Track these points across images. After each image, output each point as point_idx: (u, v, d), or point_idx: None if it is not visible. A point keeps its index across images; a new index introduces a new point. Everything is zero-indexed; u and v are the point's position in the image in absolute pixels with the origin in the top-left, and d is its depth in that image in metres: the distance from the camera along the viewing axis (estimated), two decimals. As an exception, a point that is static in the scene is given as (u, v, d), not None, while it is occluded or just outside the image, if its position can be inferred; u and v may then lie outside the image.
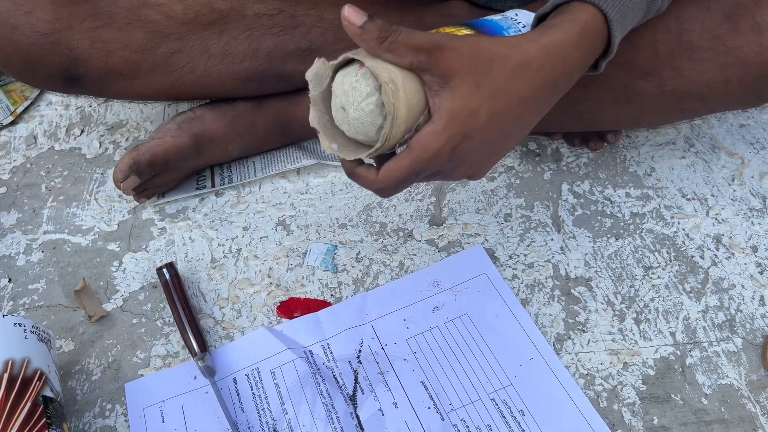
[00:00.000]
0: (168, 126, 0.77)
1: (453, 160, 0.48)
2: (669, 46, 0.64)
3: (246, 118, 0.78)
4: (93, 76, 0.69)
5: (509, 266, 0.69)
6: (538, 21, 0.54)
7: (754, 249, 0.69)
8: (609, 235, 0.72)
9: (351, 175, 0.51)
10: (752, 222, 0.71)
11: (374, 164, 0.50)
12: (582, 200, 0.75)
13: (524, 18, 0.60)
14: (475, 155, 0.50)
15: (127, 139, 0.89)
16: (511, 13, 0.61)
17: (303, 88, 0.78)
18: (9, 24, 0.65)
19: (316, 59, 0.50)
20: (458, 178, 0.52)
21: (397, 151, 0.49)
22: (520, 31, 0.58)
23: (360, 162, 0.50)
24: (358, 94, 0.47)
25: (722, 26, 0.62)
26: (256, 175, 0.81)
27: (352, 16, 0.46)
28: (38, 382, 0.56)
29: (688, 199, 0.74)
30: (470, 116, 0.47)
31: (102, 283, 0.72)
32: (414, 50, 0.46)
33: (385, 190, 0.50)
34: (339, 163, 0.82)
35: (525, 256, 0.70)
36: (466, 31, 0.55)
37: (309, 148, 0.84)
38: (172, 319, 0.68)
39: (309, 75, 0.49)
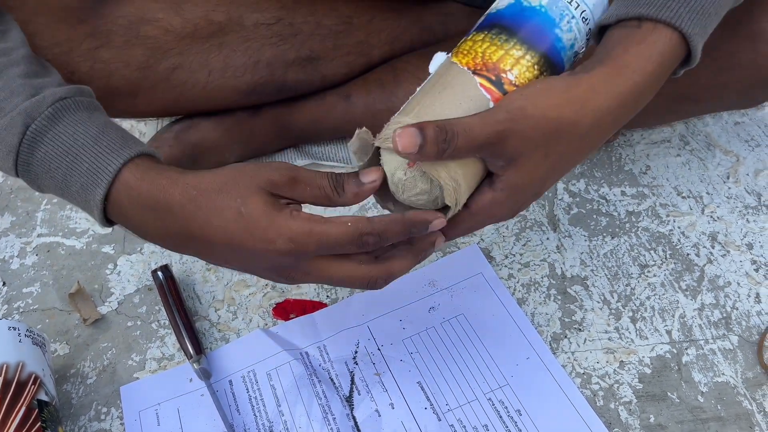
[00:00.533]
0: (165, 135, 0.76)
1: (513, 214, 0.50)
2: None
3: (244, 126, 0.78)
4: (96, 97, 0.68)
5: (505, 266, 0.69)
6: (599, 31, 0.49)
7: (750, 246, 0.69)
8: (605, 234, 0.71)
9: None
10: (747, 219, 0.71)
11: None
12: (577, 199, 0.75)
13: None
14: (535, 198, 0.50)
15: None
16: None
17: (301, 96, 0.78)
18: None
19: (357, 130, 0.46)
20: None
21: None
22: (573, 17, 0.47)
23: None
24: (410, 188, 0.45)
25: (716, 31, 0.61)
26: (251, 177, 0.81)
27: (407, 145, 0.41)
28: (33, 386, 0.56)
29: (683, 197, 0.74)
30: (537, 183, 0.46)
31: (97, 286, 0.72)
32: (477, 148, 0.42)
33: (447, 240, 0.50)
34: (334, 164, 0.81)
35: (521, 255, 0.70)
36: (515, 52, 0.46)
37: (304, 149, 0.83)
38: (167, 322, 0.68)
39: (353, 148, 0.46)
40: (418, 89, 0.48)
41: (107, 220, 0.48)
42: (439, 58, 0.49)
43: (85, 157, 0.46)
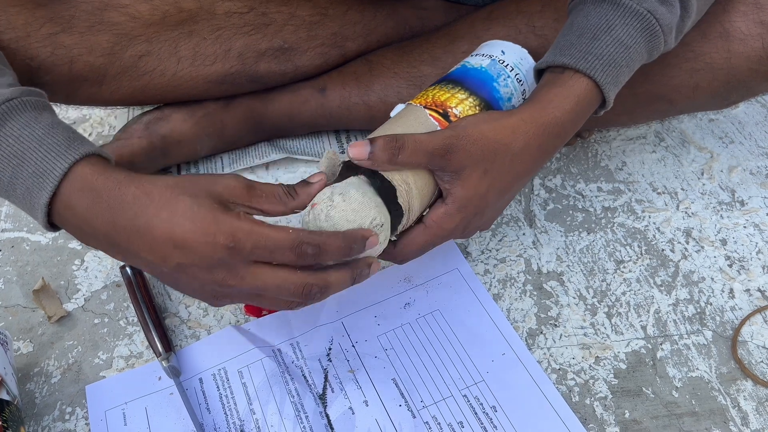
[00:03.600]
0: (134, 126, 0.74)
1: (465, 231, 0.55)
2: None
3: (215, 118, 0.76)
4: (58, 83, 0.65)
5: (481, 261, 0.69)
6: (537, 73, 0.58)
7: (723, 242, 0.69)
8: (581, 230, 0.71)
9: None
10: (721, 215, 0.72)
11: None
12: (554, 195, 0.75)
13: (512, 56, 0.60)
14: (485, 221, 0.57)
15: (90, 135, 0.86)
16: (497, 51, 0.60)
17: (274, 87, 0.77)
18: None
19: (326, 152, 0.53)
20: (468, 236, 0.58)
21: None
22: (509, 77, 0.59)
23: None
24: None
25: (690, 32, 0.62)
26: (223, 171, 0.79)
27: (357, 153, 0.49)
28: (-7, 386, 0.54)
29: (658, 193, 0.74)
30: (481, 198, 0.52)
31: (63, 283, 0.70)
32: (426, 156, 0.49)
33: (403, 261, 0.55)
34: (309, 158, 0.80)
35: (497, 251, 0.70)
36: (460, 95, 0.56)
37: (278, 143, 0.82)
38: (135, 319, 0.66)
39: (322, 167, 0.53)
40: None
41: (50, 224, 0.48)
42: (399, 107, 0.58)
43: (30, 160, 0.46)
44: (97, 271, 0.71)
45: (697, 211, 0.72)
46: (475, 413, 0.57)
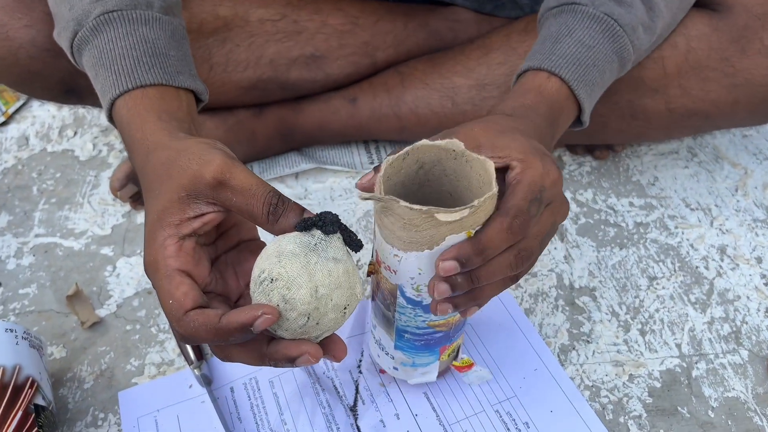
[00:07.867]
0: None
1: (544, 184, 0.43)
2: (676, 64, 0.63)
3: (246, 126, 0.77)
4: (92, 87, 0.66)
5: (512, 275, 0.68)
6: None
7: (759, 260, 0.68)
8: (613, 245, 0.71)
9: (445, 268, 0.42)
10: (756, 233, 0.71)
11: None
12: (585, 209, 0.74)
13: None
14: (555, 178, 0.44)
15: (121, 141, 0.87)
16: None
17: (305, 96, 0.77)
18: (7, 37, 0.62)
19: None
20: (549, 226, 0.46)
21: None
22: None
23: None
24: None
25: (730, 47, 0.62)
26: (254, 180, 0.79)
27: (363, 180, 0.44)
28: (30, 390, 0.54)
29: (692, 209, 0.74)
30: (526, 147, 0.44)
31: (95, 289, 0.70)
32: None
33: (487, 252, 0.41)
34: (338, 167, 0.80)
35: (528, 264, 0.69)
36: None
37: (308, 153, 0.82)
38: (167, 326, 0.66)
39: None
40: None
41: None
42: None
43: (100, 77, 0.50)
44: (128, 277, 0.71)
45: (732, 228, 0.71)
46: (507, 429, 0.56)
